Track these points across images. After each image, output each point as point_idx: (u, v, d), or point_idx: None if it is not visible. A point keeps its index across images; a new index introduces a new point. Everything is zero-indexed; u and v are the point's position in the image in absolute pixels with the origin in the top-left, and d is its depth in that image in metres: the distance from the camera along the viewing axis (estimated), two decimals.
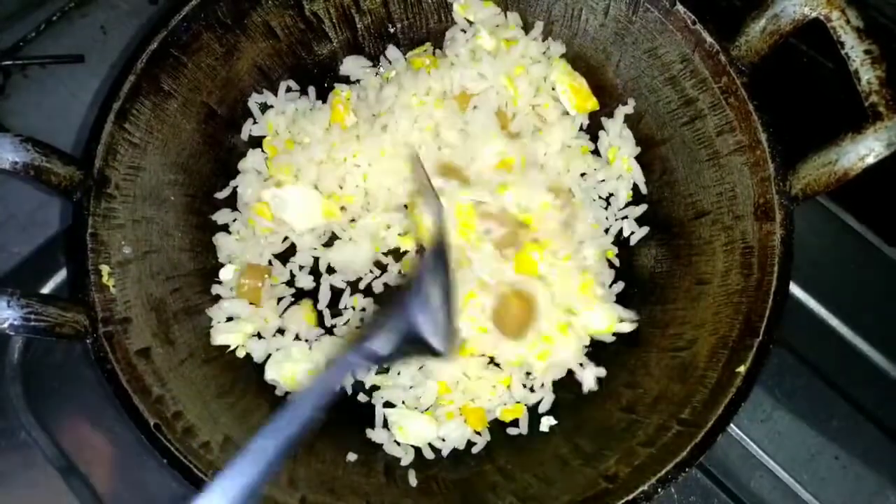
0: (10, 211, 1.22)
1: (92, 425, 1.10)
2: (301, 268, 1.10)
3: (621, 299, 1.07)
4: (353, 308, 1.07)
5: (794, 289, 1.17)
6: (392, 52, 1.16)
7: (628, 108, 1.11)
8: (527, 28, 1.14)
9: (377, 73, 1.16)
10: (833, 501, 1.08)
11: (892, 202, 1.16)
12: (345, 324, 1.07)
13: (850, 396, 1.13)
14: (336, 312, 1.08)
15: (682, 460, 0.84)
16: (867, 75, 0.84)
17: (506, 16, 1.13)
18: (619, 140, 1.11)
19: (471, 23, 1.14)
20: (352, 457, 0.97)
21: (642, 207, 1.10)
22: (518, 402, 1.03)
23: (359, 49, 1.17)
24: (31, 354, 1.13)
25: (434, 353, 0.81)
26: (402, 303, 0.81)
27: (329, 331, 1.07)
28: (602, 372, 1.03)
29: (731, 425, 0.87)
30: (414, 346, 0.80)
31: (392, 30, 1.17)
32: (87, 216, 0.91)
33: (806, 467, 1.09)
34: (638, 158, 1.11)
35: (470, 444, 1.01)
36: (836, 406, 1.12)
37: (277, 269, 1.08)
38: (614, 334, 1.04)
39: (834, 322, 1.17)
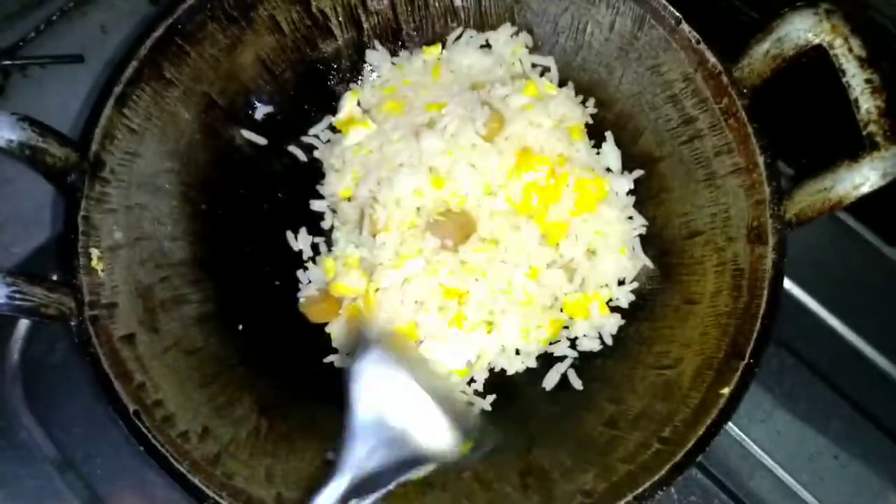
0: (12, 210, 1.22)
1: (92, 425, 1.10)
2: None
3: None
4: None
5: (795, 289, 1.17)
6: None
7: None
8: (533, 49, 1.14)
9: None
10: (833, 501, 1.08)
11: (892, 202, 1.16)
12: None
13: (850, 396, 1.12)
14: None
15: (660, 479, 0.84)
16: (867, 104, 0.84)
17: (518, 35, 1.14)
18: None
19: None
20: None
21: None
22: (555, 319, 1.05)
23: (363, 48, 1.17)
24: (31, 354, 1.13)
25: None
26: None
27: None
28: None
29: (731, 425, 0.87)
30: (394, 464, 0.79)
31: (399, 31, 1.17)
32: (80, 198, 0.91)
33: (806, 467, 1.09)
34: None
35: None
36: (836, 406, 1.12)
37: None
38: (602, 345, 1.05)
39: (834, 322, 1.17)
